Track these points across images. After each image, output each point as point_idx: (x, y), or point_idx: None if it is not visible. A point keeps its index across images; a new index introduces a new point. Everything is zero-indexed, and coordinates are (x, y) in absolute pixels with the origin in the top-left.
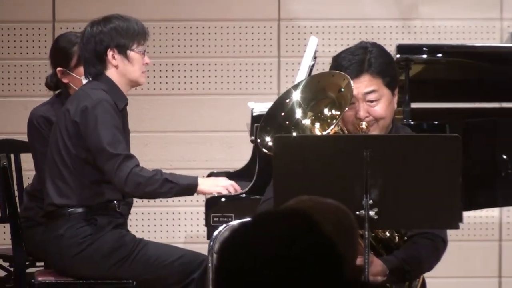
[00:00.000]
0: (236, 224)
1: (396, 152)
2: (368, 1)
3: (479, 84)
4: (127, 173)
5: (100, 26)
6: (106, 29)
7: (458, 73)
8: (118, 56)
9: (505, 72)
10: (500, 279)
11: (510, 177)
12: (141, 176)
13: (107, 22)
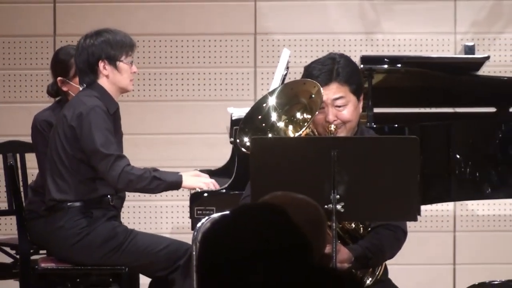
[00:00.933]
0: (217, 217)
1: (360, 152)
2: (335, 17)
3: (435, 91)
4: (119, 172)
5: (92, 39)
6: (97, 42)
7: (416, 81)
8: (108, 66)
9: (458, 80)
10: (454, 266)
11: (463, 175)
12: (132, 174)
13: (98, 35)
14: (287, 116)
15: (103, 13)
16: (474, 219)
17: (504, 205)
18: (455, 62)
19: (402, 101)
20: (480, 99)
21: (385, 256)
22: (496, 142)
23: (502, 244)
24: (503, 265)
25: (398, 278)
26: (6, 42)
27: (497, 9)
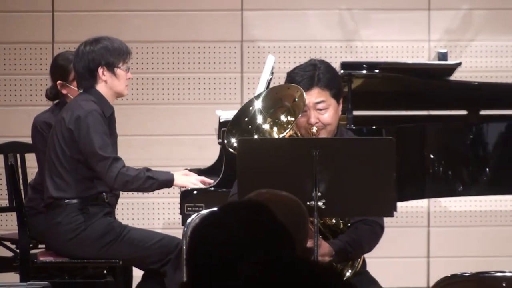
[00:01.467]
0: (206, 213)
1: (340, 152)
2: (316, 26)
3: (410, 95)
4: (116, 173)
5: (92, 46)
6: (97, 49)
7: (393, 85)
8: (107, 72)
9: (432, 85)
10: (428, 259)
11: (436, 174)
12: (128, 175)
13: (97, 42)
14: (271, 119)
15: (99, 21)
16: (446, 215)
17: (475, 202)
18: (429, 68)
19: (379, 104)
20: (452, 103)
21: (363, 250)
22: (467, 143)
23: (473, 238)
24: (474, 258)
25: (376, 270)
26: (7, 48)
27: (468, 18)
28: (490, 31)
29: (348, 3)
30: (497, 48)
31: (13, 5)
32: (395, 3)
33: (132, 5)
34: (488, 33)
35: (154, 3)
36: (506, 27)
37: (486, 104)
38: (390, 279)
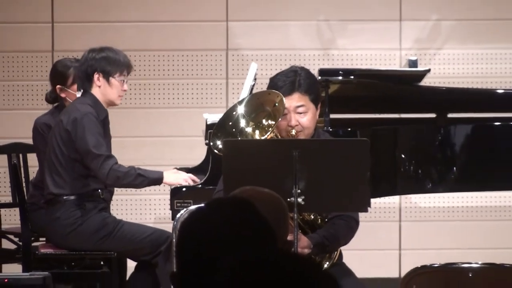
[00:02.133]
0: (194, 208)
1: (319, 152)
2: (296, 35)
3: (383, 99)
4: (108, 169)
5: (95, 53)
6: (98, 56)
7: (367, 90)
8: (102, 79)
9: (403, 90)
10: (400, 251)
11: (407, 172)
12: (119, 171)
13: (101, 51)
14: (254, 122)
15: (95, 32)
16: (417, 210)
17: (443, 198)
18: (400, 74)
19: (354, 108)
20: (422, 106)
21: (340, 243)
22: (436, 144)
23: (441, 232)
24: (442, 250)
25: (351, 262)
26: (11, 57)
27: (437, 28)
28: (457, 40)
29: (326, 14)
30: (463, 56)
31: (15, 17)
32: (369, 14)
33: (126, 16)
34: (455, 42)
35: (146, 14)
36: (472, 37)
37: (453, 107)
38: (365, 270)
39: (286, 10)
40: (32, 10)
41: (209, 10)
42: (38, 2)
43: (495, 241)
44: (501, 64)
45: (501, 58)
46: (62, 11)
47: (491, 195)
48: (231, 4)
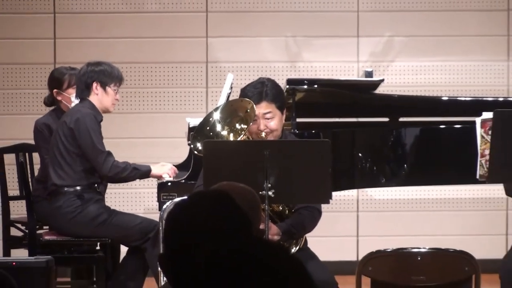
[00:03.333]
0: (178, 200)
1: (286, 152)
2: (267, 49)
3: (342, 105)
4: (110, 165)
5: (93, 67)
6: (97, 69)
7: (328, 98)
8: (99, 88)
9: (360, 97)
10: (357, 238)
11: (364, 169)
12: (119, 167)
13: (98, 65)
14: (228, 127)
15: (92, 46)
16: (372, 202)
17: (395, 191)
18: (357, 84)
19: (318, 113)
20: (377, 112)
21: (305, 231)
22: (389, 144)
23: (394, 221)
24: (394, 237)
25: (315, 247)
26: (17, 68)
27: (389, 44)
28: (408, 54)
29: (293, 31)
30: (413, 67)
31: (22, 33)
32: (330, 31)
33: (118, 33)
34: (405, 56)
35: (136, 31)
36: (420, 51)
37: (404, 112)
38: (327, 254)
39: (258, 28)
40: (37, 27)
41: (191, 27)
42: (42, 21)
43: (440, 229)
44: (445, 75)
45: (445, 70)
46: (63, 28)
47: (437, 189)
48: (210, 22)
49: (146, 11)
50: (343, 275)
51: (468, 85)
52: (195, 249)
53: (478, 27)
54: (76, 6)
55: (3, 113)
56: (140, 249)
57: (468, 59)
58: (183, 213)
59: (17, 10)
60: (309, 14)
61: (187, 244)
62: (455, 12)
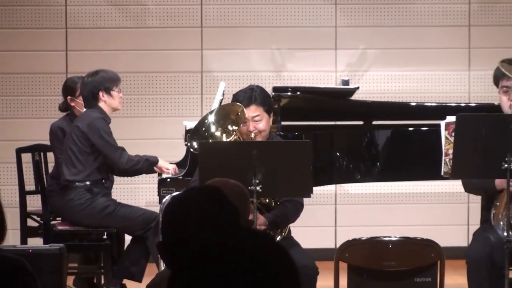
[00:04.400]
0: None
1: (272, 151)
2: (256, 60)
3: (322, 110)
4: (126, 159)
5: (93, 77)
6: (97, 79)
7: (309, 103)
8: (106, 95)
9: (338, 103)
10: (335, 228)
11: (341, 167)
12: (133, 160)
13: (96, 74)
14: (221, 128)
15: (100, 57)
16: (348, 196)
17: (369, 187)
18: (335, 91)
19: (300, 117)
20: (352, 116)
21: (289, 221)
22: (363, 145)
23: (368, 212)
24: (368, 227)
25: (298, 236)
26: (34, 77)
27: (364, 56)
28: (380, 64)
29: (278, 44)
30: (385, 76)
31: (38, 46)
32: (311, 44)
33: (123, 46)
34: (378, 66)
35: (138, 44)
36: (391, 62)
37: (377, 116)
38: (308, 242)
39: (247, 41)
40: (50, 41)
41: (187, 41)
42: (55, 35)
43: (409, 219)
44: (414, 83)
45: (414, 79)
46: (74, 42)
47: (406, 184)
48: (205, 36)
49: (147, 26)
50: (323, 261)
51: (434, 92)
52: (190, 239)
53: (443, 41)
54: (85, 22)
55: (20, 117)
56: (143, 237)
57: (434, 69)
58: (179, 206)
59: (33, 25)
60: (292, 29)
61: (183, 233)
62: (422, 28)
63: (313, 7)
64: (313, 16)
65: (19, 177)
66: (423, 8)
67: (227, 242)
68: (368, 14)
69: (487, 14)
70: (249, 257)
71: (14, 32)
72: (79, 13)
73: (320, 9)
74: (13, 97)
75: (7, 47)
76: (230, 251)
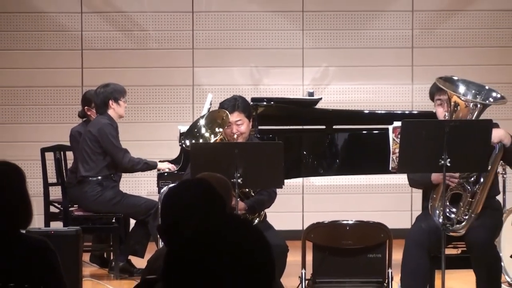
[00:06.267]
0: (172, 186)
1: (251, 150)
2: (237, 76)
3: (292, 116)
4: (128, 159)
5: (104, 88)
6: (108, 90)
7: (281, 111)
8: (114, 103)
9: (305, 111)
10: (303, 213)
11: (308, 163)
12: (134, 161)
13: (106, 86)
14: (210, 130)
15: (109, 74)
16: (313, 187)
17: (330, 179)
18: (302, 101)
19: (274, 122)
20: (316, 121)
21: (264, 207)
22: (325, 145)
23: (329, 201)
24: (330, 212)
25: (272, 220)
26: (55, 90)
27: (325, 72)
28: (339, 79)
29: (256, 63)
30: (343, 89)
31: (58, 64)
32: (283, 63)
33: (129, 64)
34: (337, 80)
35: (141, 63)
36: (348, 77)
37: (336, 122)
38: (280, 225)
39: (230, 60)
40: (69, 60)
41: (181, 60)
42: (73, 55)
43: (363, 206)
44: (367, 95)
45: (367, 91)
46: (88, 61)
47: (361, 177)
48: (196, 56)
49: (148, 48)
50: (292, 240)
51: (383, 102)
52: (183, 222)
53: (391, 60)
54: (98, 44)
55: (43, 122)
56: (144, 221)
57: (383, 83)
58: (175, 195)
59: (55, 47)
60: (267, 50)
61: (177, 218)
62: (373, 49)
63: (285, 32)
64: (285, 40)
65: (43, 171)
66: (375, 33)
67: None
68: (329, 38)
69: (427, 38)
70: (231, 237)
71: (39, 53)
72: (92, 37)
73: (290, 34)
74: (38, 106)
75: (34, 65)
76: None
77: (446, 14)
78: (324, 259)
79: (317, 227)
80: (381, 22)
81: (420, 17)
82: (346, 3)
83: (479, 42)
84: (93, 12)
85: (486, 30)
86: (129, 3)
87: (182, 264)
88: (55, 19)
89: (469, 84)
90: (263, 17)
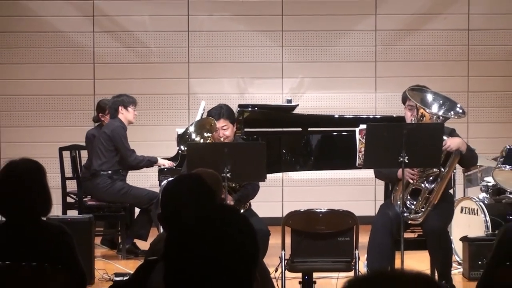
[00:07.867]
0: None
1: (238, 150)
2: (226, 86)
3: (273, 120)
4: (134, 157)
5: (117, 98)
6: (119, 98)
7: (264, 116)
8: (123, 109)
9: (284, 115)
10: (282, 202)
11: (286, 160)
12: (138, 159)
13: (120, 96)
14: (200, 135)
15: (117, 84)
16: (292, 180)
17: (306, 174)
18: (282, 107)
19: (258, 125)
20: (294, 124)
21: (249, 198)
22: (301, 145)
23: (305, 192)
24: (305, 202)
25: (256, 208)
26: (70, 97)
27: (302, 82)
28: (313, 89)
29: (242, 74)
30: (317, 97)
31: (74, 75)
32: (265, 74)
33: (134, 75)
34: (312, 89)
35: (145, 74)
36: (321, 87)
37: (311, 125)
38: (263, 212)
39: (221, 72)
40: (82, 72)
41: (179, 72)
42: (85, 68)
43: (334, 196)
44: (337, 102)
45: (337, 99)
46: (99, 72)
47: (332, 172)
48: (191, 69)
49: (150, 62)
50: (273, 226)
51: (351, 108)
52: (180, 211)
53: (357, 72)
54: (107, 59)
55: (60, 125)
56: (147, 210)
57: (351, 92)
58: (173, 188)
59: (70, 61)
60: (252, 64)
61: (175, 207)
62: (342, 63)
63: (267, 48)
64: (267, 55)
65: (61, 167)
66: (344, 49)
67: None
68: (305, 53)
69: (388, 53)
70: (221, 223)
71: (58, 66)
72: (103, 53)
73: (272, 50)
74: (56, 112)
75: (51, 76)
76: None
77: (405, 33)
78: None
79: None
80: (349, 40)
81: (382, 36)
82: (319, 24)
83: (433, 57)
84: (104, 32)
85: (439, 46)
86: (134, 24)
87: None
88: (71, 38)
89: (436, 96)
90: (248, 36)
